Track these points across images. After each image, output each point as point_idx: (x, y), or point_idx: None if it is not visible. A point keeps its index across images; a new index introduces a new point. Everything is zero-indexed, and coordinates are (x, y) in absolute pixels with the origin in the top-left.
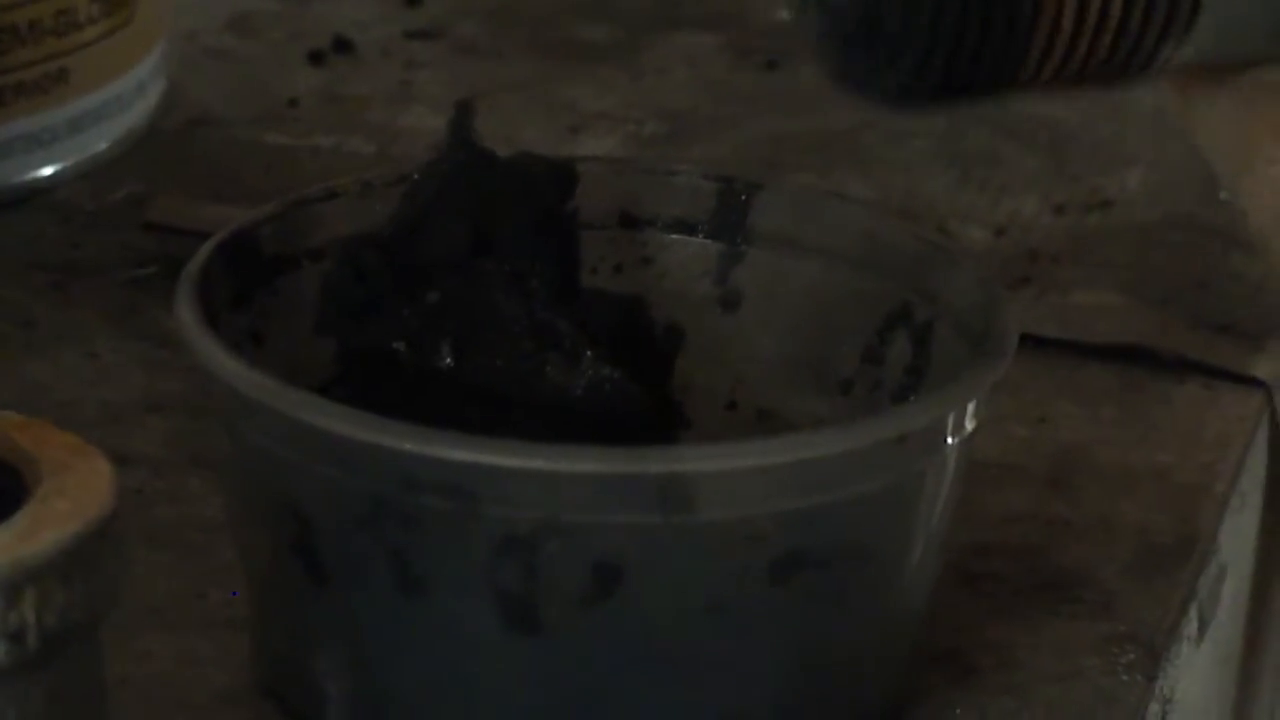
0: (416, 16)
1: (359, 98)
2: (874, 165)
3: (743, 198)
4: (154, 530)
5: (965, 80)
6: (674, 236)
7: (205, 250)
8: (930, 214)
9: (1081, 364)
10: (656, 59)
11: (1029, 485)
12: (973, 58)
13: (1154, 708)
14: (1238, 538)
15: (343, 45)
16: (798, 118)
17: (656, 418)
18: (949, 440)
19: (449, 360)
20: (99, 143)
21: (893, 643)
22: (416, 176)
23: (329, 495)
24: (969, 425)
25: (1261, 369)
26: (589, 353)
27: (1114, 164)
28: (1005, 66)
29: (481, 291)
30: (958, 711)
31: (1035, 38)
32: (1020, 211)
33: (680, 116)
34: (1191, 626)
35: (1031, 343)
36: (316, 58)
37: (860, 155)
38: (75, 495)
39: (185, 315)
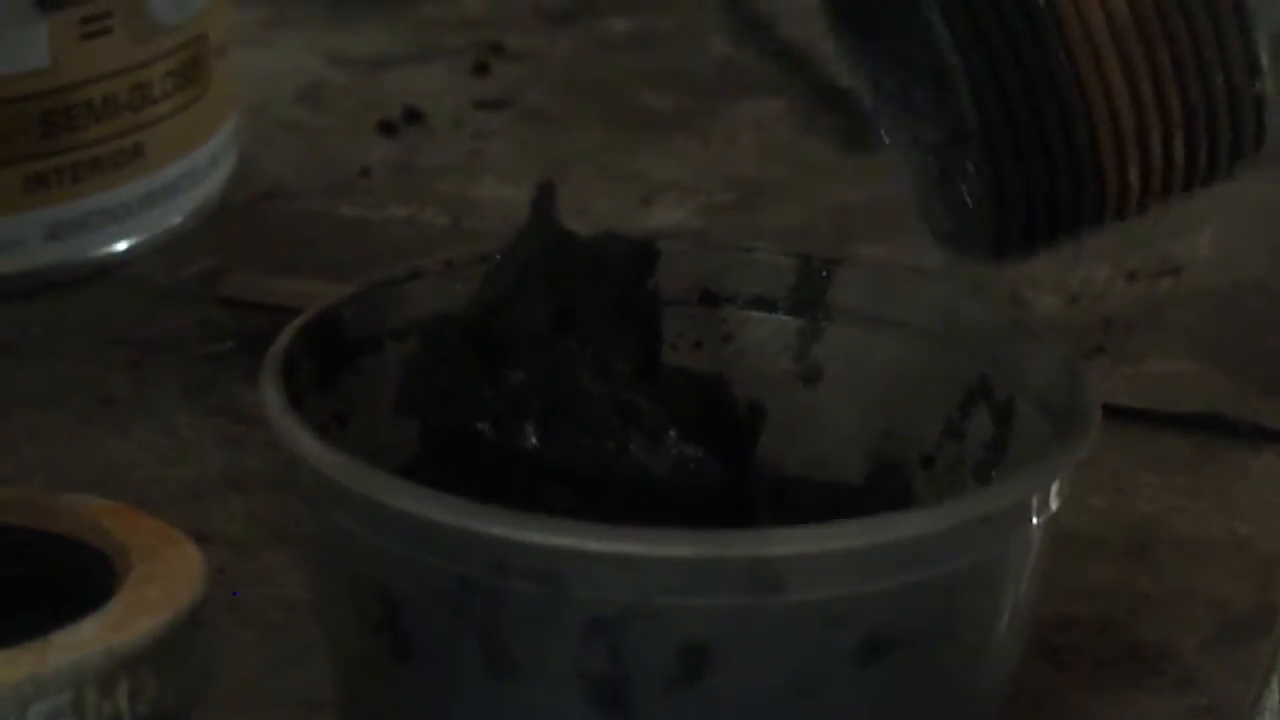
0: (486, 86)
1: (431, 168)
2: None
3: (822, 274)
4: (237, 609)
5: (1052, 228)
6: (753, 313)
7: (289, 332)
8: (1003, 282)
9: (1157, 433)
10: (725, 126)
11: (1108, 557)
12: (1049, 212)
13: None
14: None
15: (413, 115)
16: (866, 185)
17: (740, 496)
18: (1034, 520)
19: (532, 441)
20: (173, 217)
21: None
22: (499, 256)
23: (416, 577)
24: (1053, 504)
25: None
26: (672, 432)
27: (1184, 229)
28: (1085, 210)
29: (564, 371)
30: None
31: (1106, 187)
32: (1093, 279)
33: (749, 184)
34: (1274, 698)
35: (1106, 412)
36: (387, 128)
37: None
38: (166, 583)
39: (270, 398)
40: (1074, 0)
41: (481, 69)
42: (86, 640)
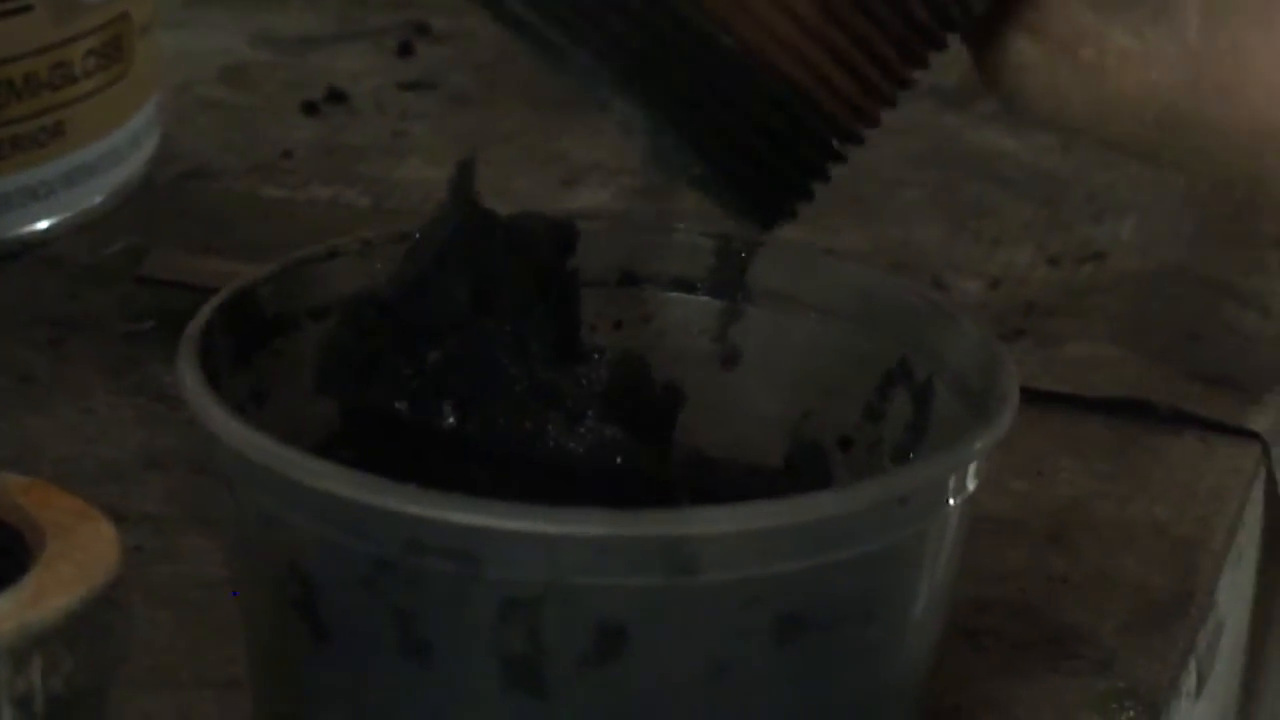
0: (410, 68)
1: (354, 149)
2: (868, 215)
3: (741, 255)
4: (155, 588)
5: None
6: (673, 294)
7: (206, 311)
8: (924, 265)
9: (1078, 417)
10: None
11: (1027, 541)
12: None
13: None
14: (1235, 592)
15: (337, 96)
16: None
17: (659, 477)
18: (951, 501)
19: (450, 420)
20: (94, 196)
21: (897, 703)
22: (418, 235)
23: (331, 556)
24: (970, 485)
25: (1258, 422)
26: (590, 412)
27: (1107, 214)
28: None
29: (483, 351)
30: None
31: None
32: (1014, 263)
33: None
34: (1190, 681)
35: (1028, 395)
36: (311, 109)
37: (854, 205)
38: (80, 560)
39: (187, 376)
40: None
41: (406, 50)
42: None
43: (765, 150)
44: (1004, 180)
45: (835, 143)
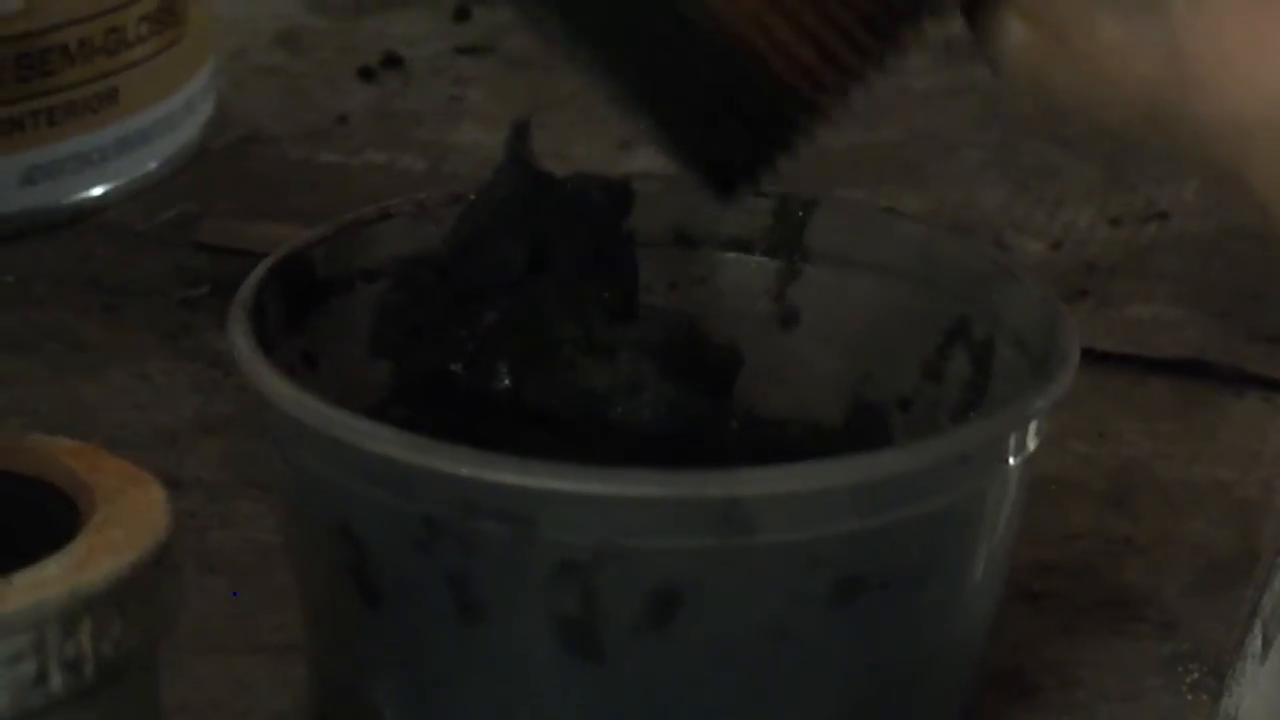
0: (466, 31)
1: (410, 114)
2: (927, 179)
3: (799, 214)
4: (208, 554)
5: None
6: (730, 255)
7: (258, 273)
8: (986, 227)
9: (1140, 378)
10: None
11: (1090, 502)
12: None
13: None
14: None
15: (393, 61)
16: (847, 131)
17: (717, 439)
18: (1011, 460)
19: (506, 382)
20: (149, 162)
21: (956, 664)
22: (472, 197)
23: (384, 519)
24: (1031, 445)
25: None
26: (648, 374)
27: (1169, 175)
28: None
29: (538, 312)
30: None
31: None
32: (1076, 224)
33: None
34: (1256, 644)
35: (1089, 357)
36: (367, 74)
37: (912, 169)
38: (130, 523)
39: (238, 339)
40: None
41: (462, 14)
42: (49, 580)
43: (722, 118)
44: (1065, 141)
45: (797, 115)
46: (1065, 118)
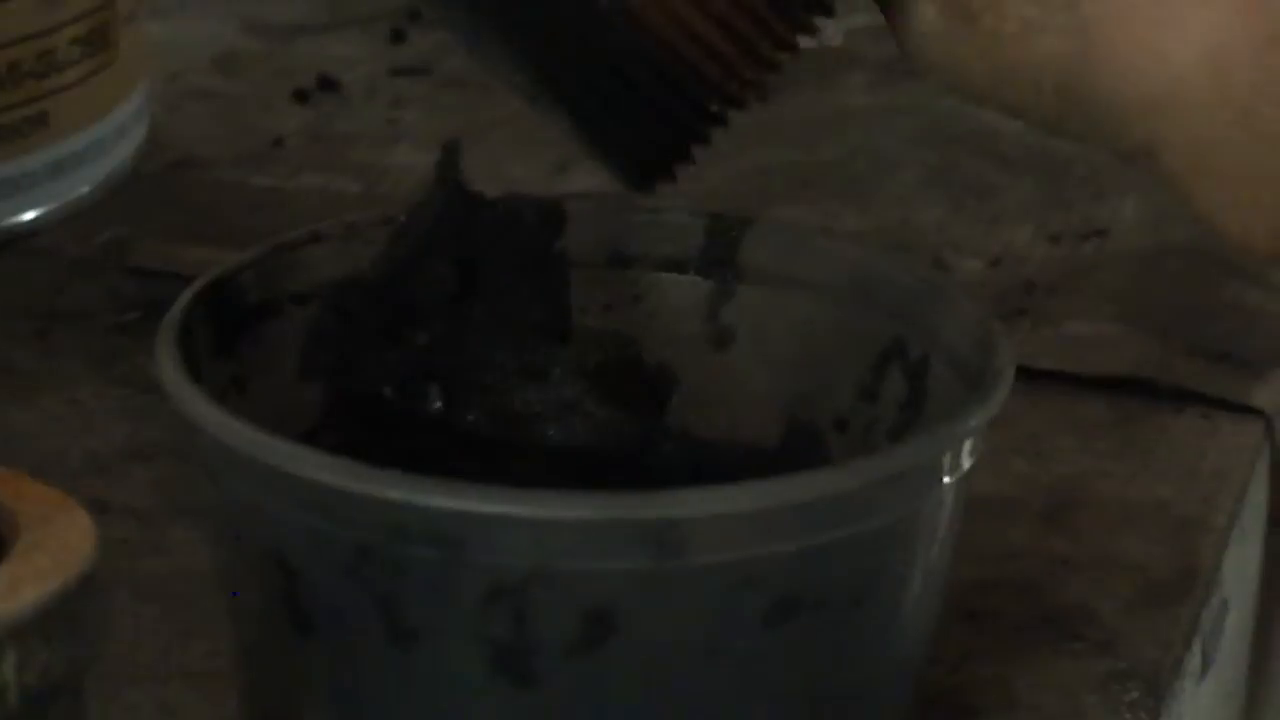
0: (402, 53)
1: (345, 136)
2: (867, 197)
3: (732, 234)
4: (139, 581)
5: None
6: (663, 275)
7: (186, 297)
8: (925, 245)
9: (1078, 395)
10: None
11: (1027, 520)
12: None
13: None
14: (1239, 571)
15: (328, 83)
16: (787, 149)
17: (652, 460)
18: (946, 479)
19: (438, 405)
20: (81, 186)
21: (894, 685)
22: (403, 218)
23: (315, 545)
24: (966, 463)
25: (1260, 398)
26: (581, 395)
27: (1108, 192)
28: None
29: (470, 334)
30: None
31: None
32: (1015, 241)
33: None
34: (1195, 662)
35: (1028, 375)
36: (302, 96)
37: (852, 186)
38: (55, 551)
39: (166, 364)
40: None
41: (398, 36)
42: None
43: (635, 109)
44: (1003, 159)
45: (712, 105)
46: (1000, 135)
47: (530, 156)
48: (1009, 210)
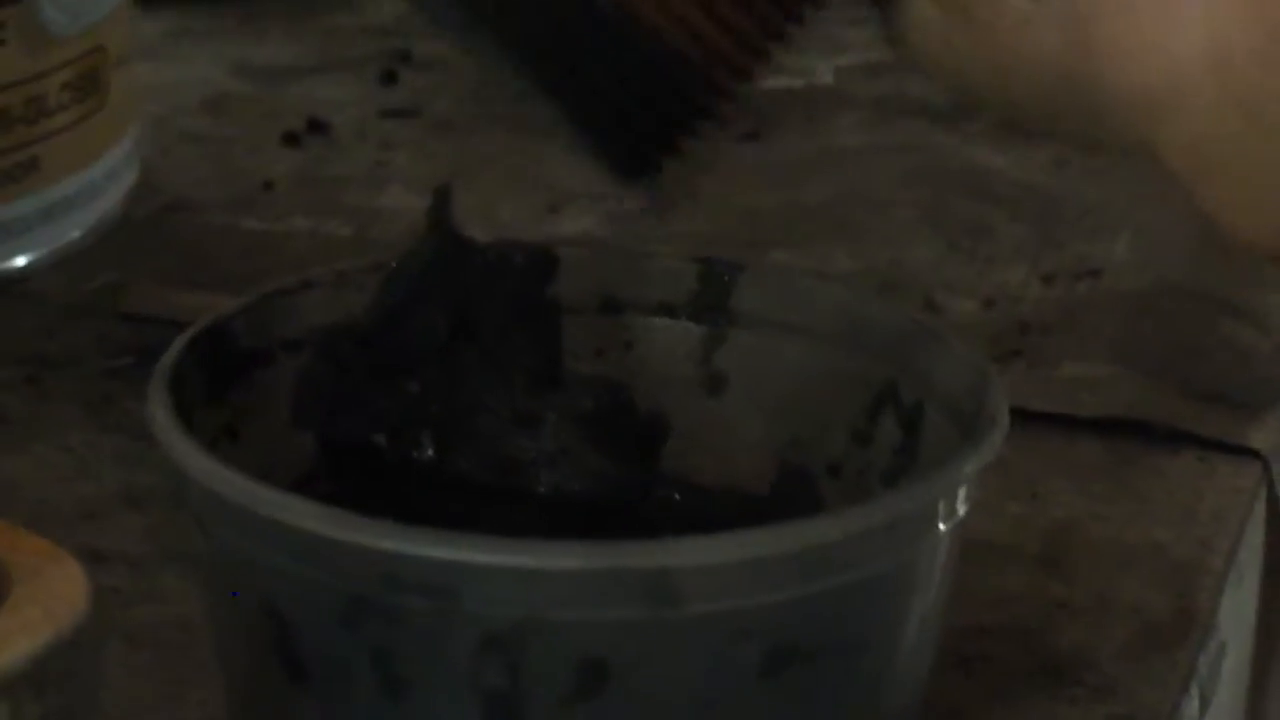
0: (392, 95)
1: (336, 179)
2: (858, 237)
3: (724, 279)
4: (132, 629)
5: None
6: (655, 320)
7: (177, 345)
8: (917, 286)
9: (1073, 437)
10: None
11: (1022, 564)
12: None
13: None
14: (1237, 614)
15: (318, 126)
16: (777, 190)
17: (644, 507)
18: (941, 526)
19: (430, 453)
20: (72, 231)
21: None
22: (394, 264)
23: (307, 595)
24: (961, 510)
25: (1257, 439)
26: (573, 442)
27: (1101, 231)
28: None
29: (462, 381)
30: None
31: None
32: (1008, 282)
33: (658, 191)
34: (1193, 706)
35: (1023, 417)
36: (292, 139)
37: (842, 227)
38: (47, 602)
39: (157, 412)
40: None
41: (388, 78)
42: None
43: (624, 98)
44: (996, 198)
45: (706, 96)
46: (992, 174)
47: (521, 197)
48: (1002, 250)
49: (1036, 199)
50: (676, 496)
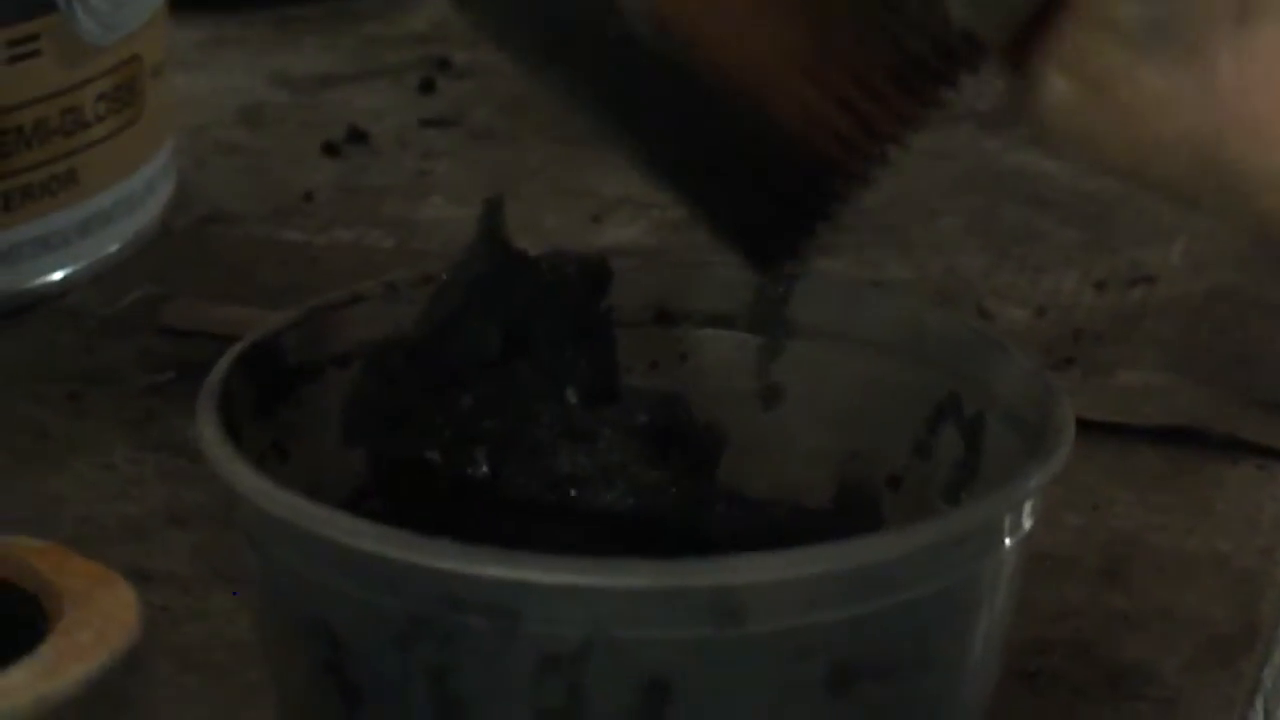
0: (432, 104)
1: (376, 189)
2: (907, 245)
3: (781, 289)
4: (181, 650)
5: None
6: (711, 331)
7: (225, 361)
8: (968, 294)
9: (1131, 447)
10: None
11: (1083, 577)
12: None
13: None
14: None
15: (357, 135)
16: None
17: (702, 523)
18: (1007, 541)
19: (484, 469)
20: (110, 245)
21: None
22: (445, 277)
23: (362, 616)
24: (1026, 524)
25: None
26: (630, 457)
27: (1154, 237)
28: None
29: (516, 395)
30: None
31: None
32: (1061, 289)
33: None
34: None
35: (1078, 426)
36: (331, 149)
37: (892, 234)
38: (99, 626)
39: (207, 431)
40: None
41: (427, 86)
42: (15, 688)
43: (759, 192)
44: (1046, 204)
45: (835, 184)
46: (1042, 179)
47: (565, 207)
48: (1053, 257)
49: (1088, 204)
50: (733, 511)
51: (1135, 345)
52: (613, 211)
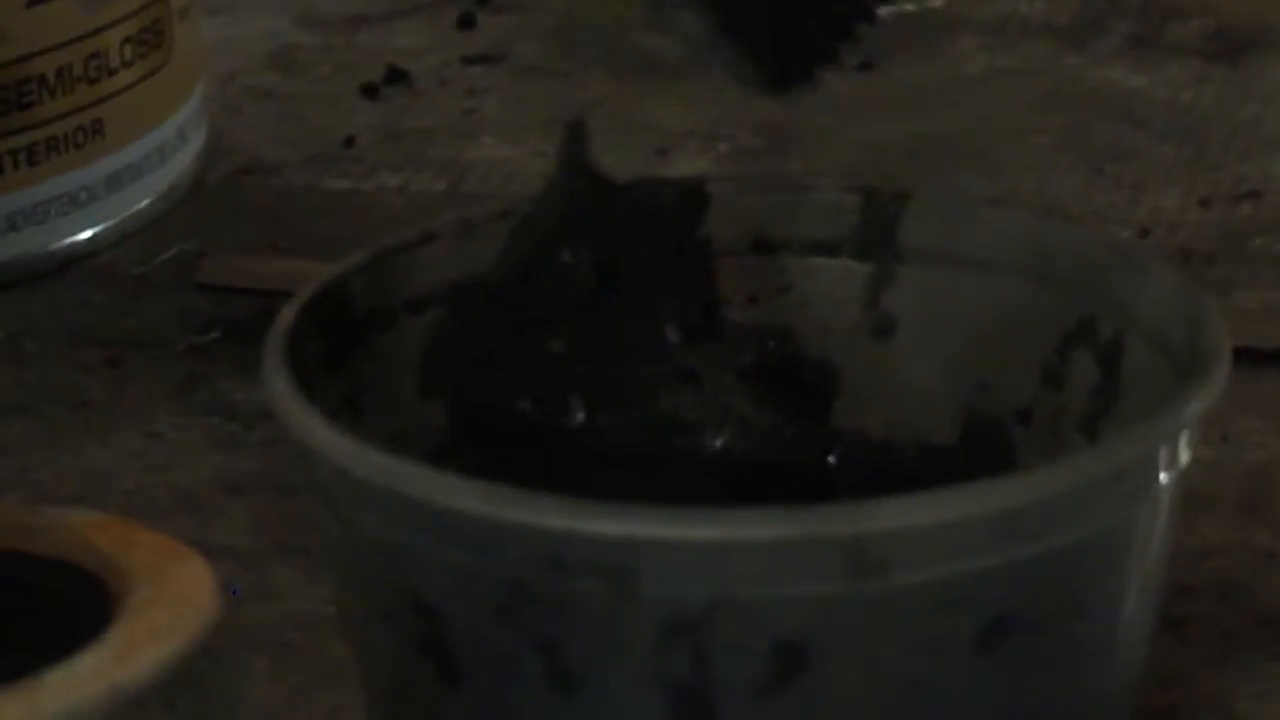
0: (473, 40)
1: (421, 131)
2: (995, 167)
3: (889, 210)
4: (246, 630)
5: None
6: (814, 260)
7: (291, 310)
8: (1066, 217)
9: (1258, 372)
10: None
11: (1222, 513)
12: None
13: None
14: None
15: (397, 75)
16: (901, 121)
17: (819, 467)
18: (1163, 477)
19: (580, 417)
20: (141, 199)
21: (1114, 708)
22: (526, 210)
23: (460, 584)
24: (1184, 457)
25: None
26: (736, 398)
27: (1255, 149)
28: None
29: (612, 336)
30: None
31: None
32: (1163, 208)
33: (773, 129)
34: None
35: None
36: (370, 91)
37: (977, 158)
38: (173, 605)
39: (278, 387)
40: None
41: (467, 22)
42: (85, 677)
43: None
44: (1138, 119)
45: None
46: (1132, 95)
47: (625, 143)
48: (1152, 175)
49: (1181, 118)
50: (854, 454)
51: (1249, 264)
52: (678, 145)
